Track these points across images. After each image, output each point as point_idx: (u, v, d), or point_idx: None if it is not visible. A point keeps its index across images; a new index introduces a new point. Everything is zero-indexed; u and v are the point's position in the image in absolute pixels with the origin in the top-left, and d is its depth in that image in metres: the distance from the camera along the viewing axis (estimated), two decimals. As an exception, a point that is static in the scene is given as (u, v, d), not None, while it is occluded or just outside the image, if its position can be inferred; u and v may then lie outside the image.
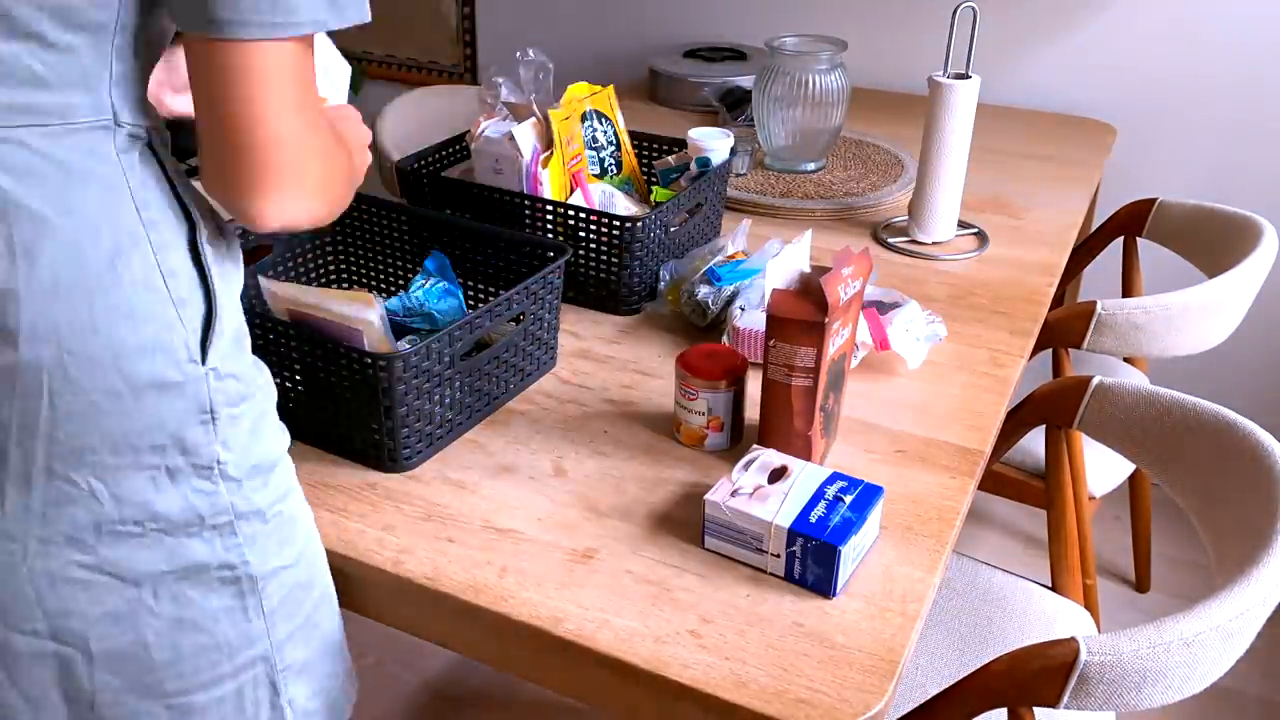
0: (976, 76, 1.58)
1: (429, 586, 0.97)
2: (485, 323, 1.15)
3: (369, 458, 1.12)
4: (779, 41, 1.88)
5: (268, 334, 1.12)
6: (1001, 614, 1.38)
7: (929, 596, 0.97)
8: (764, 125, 1.91)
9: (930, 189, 1.64)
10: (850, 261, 1.08)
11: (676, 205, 1.46)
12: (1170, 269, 2.02)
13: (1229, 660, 0.98)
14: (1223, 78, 2.16)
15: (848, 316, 1.10)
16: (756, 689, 0.87)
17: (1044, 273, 1.60)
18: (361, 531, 1.04)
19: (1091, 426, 1.34)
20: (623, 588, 0.97)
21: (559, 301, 1.27)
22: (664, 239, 1.45)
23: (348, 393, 1.09)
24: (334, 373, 1.09)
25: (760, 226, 1.72)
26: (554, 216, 1.42)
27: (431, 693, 1.90)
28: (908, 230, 1.69)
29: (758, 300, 1.33)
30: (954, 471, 1.14)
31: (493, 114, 1.52)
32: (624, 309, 1.44)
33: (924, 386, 1.29)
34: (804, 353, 1.05)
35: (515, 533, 1.04)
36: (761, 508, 0.98)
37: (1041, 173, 1.98)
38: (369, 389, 1.07)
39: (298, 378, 1.13)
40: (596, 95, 1.57)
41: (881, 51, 2.44)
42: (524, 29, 2.83)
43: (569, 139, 1.50)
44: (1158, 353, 1.59)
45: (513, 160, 1.46)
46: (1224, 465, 1.17)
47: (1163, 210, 1.86)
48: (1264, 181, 2.19)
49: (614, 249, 1.39)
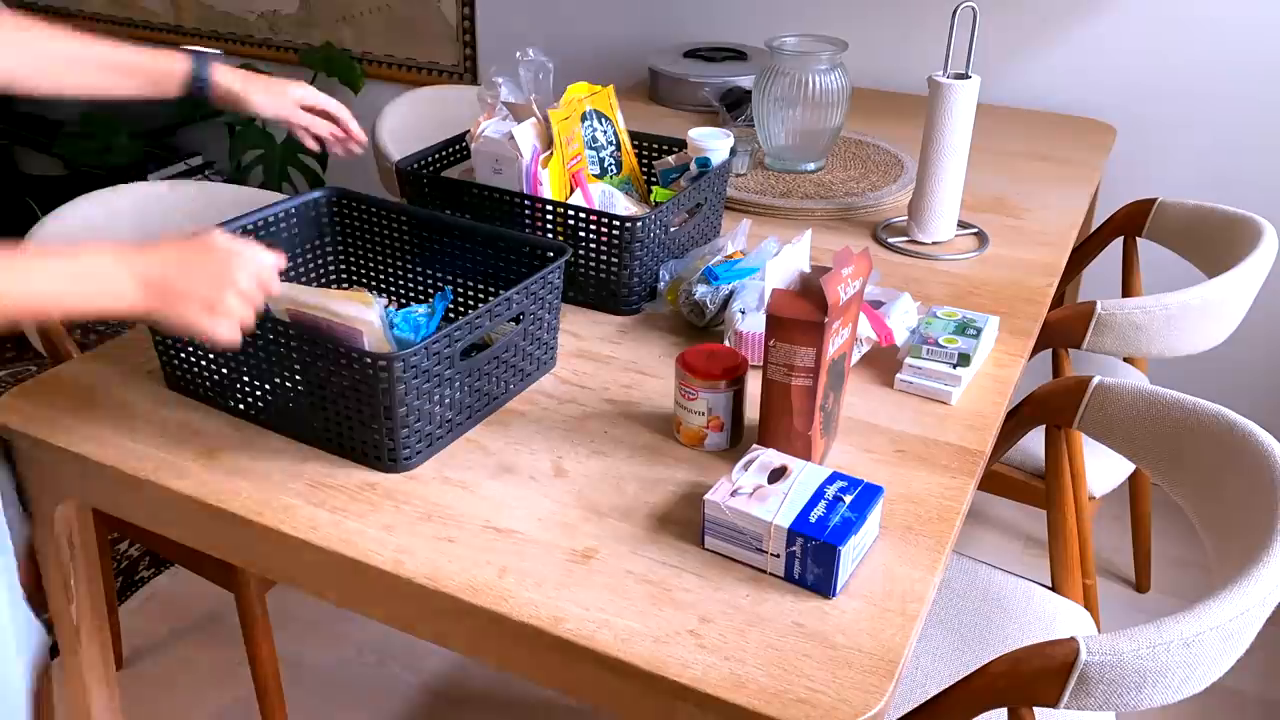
0: (976, 76, 1.58)
1: (429, 586, 0.97)
2: (485, 323, 1.15)
3: (369, 458, 1.12)
4: (779, 41, 1.88)
5: (268, 334, 1.12)
6: (1001, 614, 1.38)
7: (929, 596, 0.97)
8: (764, 125, 1.91)
9: (930, 189, 1.64)
10: (850, 261, 1.08)
11: (676, 205, 1.46)
12: (1170, 269, 2.02)
13: (1229, 660, 0.98)
14: (1223, 78, 2.16)
15: (848, 316, 1.10)
16: (756, 689, 0.87)
17: (1044, 273, 1.60)
18: (361, 531, 1.04)
19: (1091, 426, 1.34)
20: (623, 588, 0.97)
21: (559, 301, 1.27)
22: (664, 239, 1.45)
23: (348, 393, 1.09)
24: (334, 373, 1.09)
25: (760, 226, 1.72)
26: (554, 216, 1.42)
27: (431, 693, 1.90)
28: (908, 230, 1.69)
29: (756, 302, 1.33)
30: (954, 471, 1.14)
31: (493, 114, 1.51)
32: (624, 309, 1.44)
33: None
34: (804, 353, 1.05)
35: (515, 533, 1.04)
36: (761, 508, 0.98)
37: (1041, 173, 1.98)
38: (369, 389, 1.07)
39: (298, 378, 1.13)
40: (596, 95, 1.57)
41: (881, 51, 2.44)
42: (524, 29, 2.83)
43: (569, 139, 1.50)
44: (1158, 353, 1.59)
45: (513, 160, 1.46)
46: (1224, 465, 1.17)
47: (1163, 210, 1.86)
48: (1264, 181, 2.19)
49: (614, 249, 1.39)
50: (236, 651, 1.98)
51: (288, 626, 2.03)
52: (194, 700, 1.90)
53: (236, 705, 1.88)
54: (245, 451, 1.16)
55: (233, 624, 2.05)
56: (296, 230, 1.38)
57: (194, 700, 1.90)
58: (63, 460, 1.19)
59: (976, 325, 1.32)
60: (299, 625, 2.04)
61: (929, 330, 1.30)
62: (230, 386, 1.20)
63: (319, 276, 1.42)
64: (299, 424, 1.16)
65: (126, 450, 1.16)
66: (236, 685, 1.92)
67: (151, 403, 1.24)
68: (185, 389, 1.25)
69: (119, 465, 1.14)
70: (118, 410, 1.23)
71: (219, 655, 1.98)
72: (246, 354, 1.15)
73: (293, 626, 2.04)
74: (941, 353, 1.27)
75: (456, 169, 1.60)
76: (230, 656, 1.98)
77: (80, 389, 1.26)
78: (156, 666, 1.96)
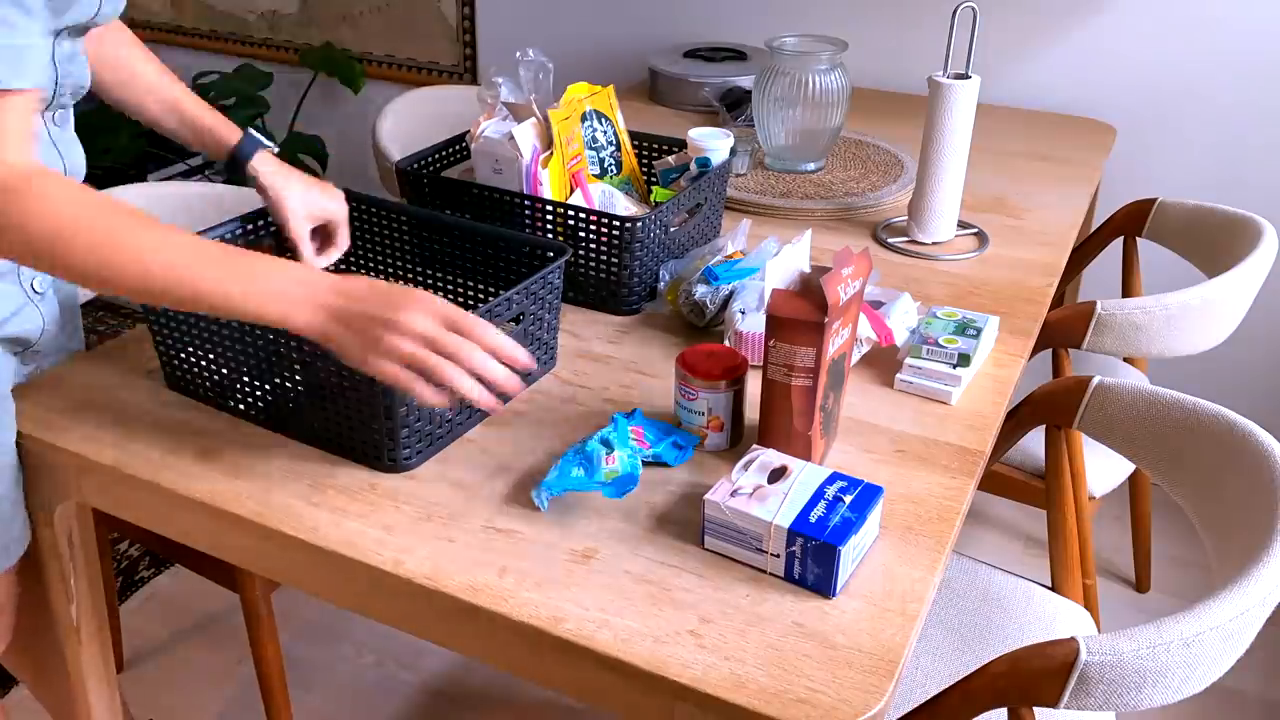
0: (976, 76, 1.58)
1: (429, 586, 0.97)
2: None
3: (369, 458, 1.12)
4: (779, 41, 1.88)
5: (268, 333, 1.12)
6: (1001, 614, 1.38)
7: (929, 596, 0.97)
8: (764, 125, 1.91)
9: (930, 189, 1.64)
10: (850, 261, 1.08)
11: (676, 205, 1.46)
12: (1170, 269, 2.02)
13: (1229, 660, 0.98)
14: (1223, 78, 2.16)
15: (848, 316, 1.10)
16: (756, 689, 0.87)
17: (1044, 273, 1.60)
18: (361, 531, 1.04)
19: (1091, 426, 1.34)
20: (622, 588, 0.97)
21: (559, 302, 1.27)
22: (664, 239, 1.45)
23: (348, 393, 1.09)
24: (334, 373, 1.09)
25: (760, 226, 1.72)
26: (554, 216, 1.42)
27: (431, 693, 1.90)
28: (908, 230, 1.69)
29: (756, 302, 1.34)
30: (954, 471, 1.14)
31: (493, 114, 1.51)
32: (624, 309, 1.44)
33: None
34: (804, 353, 1.05)
35: (515, 533, 1.04)
36: (761, 508, 0.98)
37: (1041, 173, 1.98)
38: (369, 389, 1.07)
39: (298, 378, 1.13)
40: (596, 95, 1.57)
41: (881, 51, 2.44)
42: (524, 29, 2.83)
43: (569, 139, 1.50)
44: (1158, 353, 1.59)
45: (513, 160, 1.46)
46: (1224, 465, 1.17)
47: (1163, 210, 1.86)
48: (1264, 181, 2.19)
49: (613, 249, 1.39)
50: (237, 652, 1.98)
51: (287, 626, 2.03)
52: (194, 700, 1.90)
53: (237, 705, 1.88)
54: (245, 451, 1.16)
55: (233, 624, 2.05)
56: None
57: (194, 700, 1.90)
58: (63, 460, 1.19)
59: (976, 325, 1.32)
60: (299, 625, 2.04)
61: (929, 330, 1.30)
62: (230, 387, 1.20)
63: (319, 276, 1.42)
64: (299, 424, 1.16)
65: (126, 450, 1.16)
66: (237, 685, 1.92)
67: (152, 403, 1.24)
68: (185, 389, 1.25)
69: (119, 465, 1.14)
70: (118, 410, 1.23)
71: (219, 656, 1.98)
72: (247, 354, 1.15)
73: (292, 626, 2.04)
74: (941, 353, 1.27)
75: (456, 169, 1.60)
76: (230, 657, 1.98)
77: (80, 389, 1.26)
78: (157, 667, 1.96)
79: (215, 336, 1.17)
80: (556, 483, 1.04)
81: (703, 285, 1.38)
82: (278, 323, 0.98)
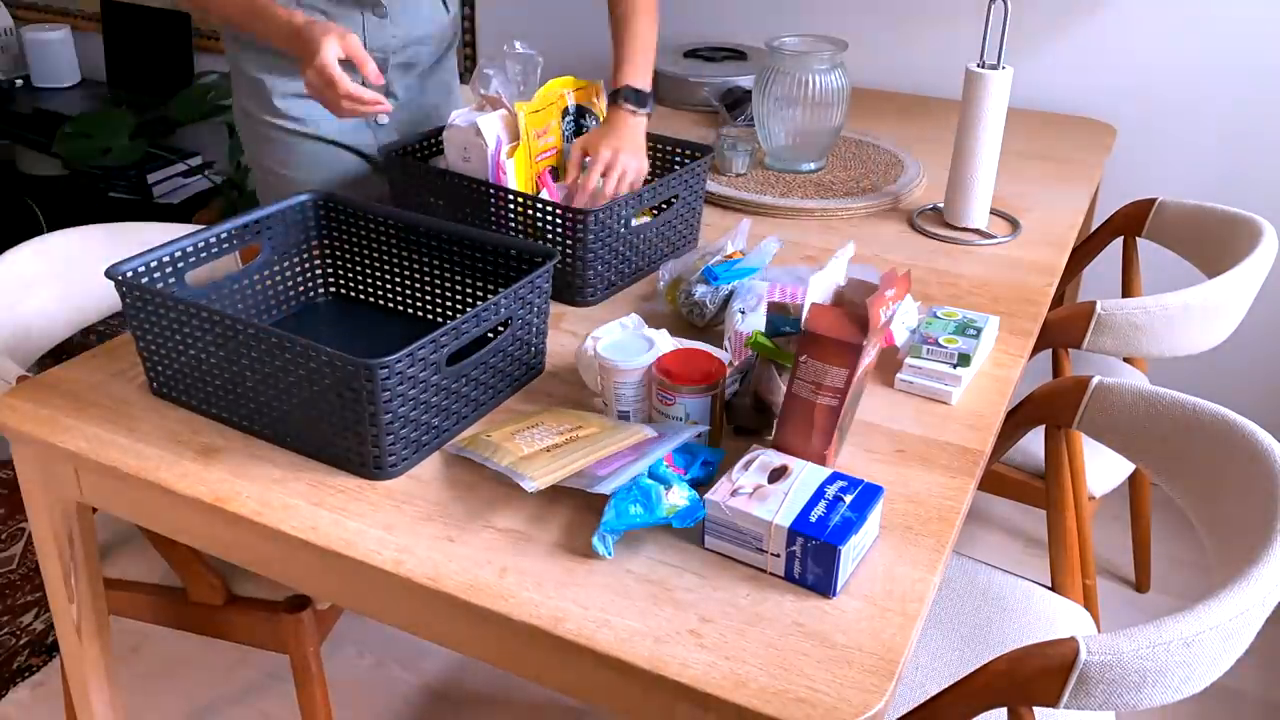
0: (1009, 67, 1.64)
1: (429, 586, 0.97)
2: (472, 328, 1.14)
3: (353, 464, 1.11)
4: (779, 41, 1.88)
5: (249, 339, 1.11)
6: (1001, 614, 1.38)
7: (929, 596, 0.97)
8: (764, 125, 1.91)
9: (967, 175, 1.68)
10: (894, 283, 1.06)
11: (638, 200, 1.47)
12: (1170, 269, 2.02)
13: (1229, 660, 0.98)
14: (1223, 78, 2.16)
15: (879, 337, 1.09)
16: (756, 688, 0.87)
17: (1044, 273, 1.60)
18: (361, 531, 1.04)
19: (1091, 426, 1.34)
20: (623, 587, 0.97)
21: (547, 306, 1.27)
22: (624, 233, 1.46)
23: (332, 400, 1.08)
24: (316, 380, 1.08)
25: (760, 226, 1.72)
26: (515, 206, 1.45)
27: (431, 693, 1.90)
28: (944, 216, 1.74)
29: (755, 302, 1.33)
30: (954, 471, 1.14)
31: (484, 106, 1.53)
32: (578, 300, 1.46)
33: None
34: (835, 372, 1.04)
35: (515, 532, 1.04)
36: (761, 507, 0.98)
37: (1041, 173, 1.98)
38: (354, 396, 1.06)
39: (281, 385, 1.12)
40: (582, 89, 1.58)
41: (881, 51, 2.44)
42: (524, 29, 2.82)
43: (542, 132, 1.51)
44: (1158, 353, 1.59)
45: (479, 148, 1.48)
46: (1224, 465, 1.17)
47: (1163, 210, 1.86)
48: (1264, 181, 2.19)
49: (569, 240, 1.42)
50: (237, 650, 1.98)
51: (288, 626, 2.03)
52: (194, 700, 1.90)
53: (237, 704, 1.88)
54: (245, 451, 1.16)
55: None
56: (283, 234, 1.37)
57: (194, 700, 1.90)
58: (62, 460, 1.19)
59: (976, 325, 1.32)
60: (299, 625, 2.04)
61: (929, 330, 1.30)
62: (213, 395, 1.19)
63: (306, 280, 1.42)
64: (288, 431, 1.15)
65: (126, 450, 1.16)
66: (237, 684, 1.92)
67: (151, 402, 1.24)
68: (170, 398, 1.24)
69: (118, 465, 1.14)
70: (117, 409, 1.23)
71: (219, 655, 1.98)
72: (231, 358, 1.14)
73: (293, 626, 2.04)
74: (941, 353, 1.27)
75: (442, 159, 1.61)
76: (231, 656, 1.98)
77: (80, 388, 1.26)
78: (157, 666, 1.96)
79: (197, 339, 1.15)
80: (617, 522, 1.01)
81: (702, 285, 1.38)
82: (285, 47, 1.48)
